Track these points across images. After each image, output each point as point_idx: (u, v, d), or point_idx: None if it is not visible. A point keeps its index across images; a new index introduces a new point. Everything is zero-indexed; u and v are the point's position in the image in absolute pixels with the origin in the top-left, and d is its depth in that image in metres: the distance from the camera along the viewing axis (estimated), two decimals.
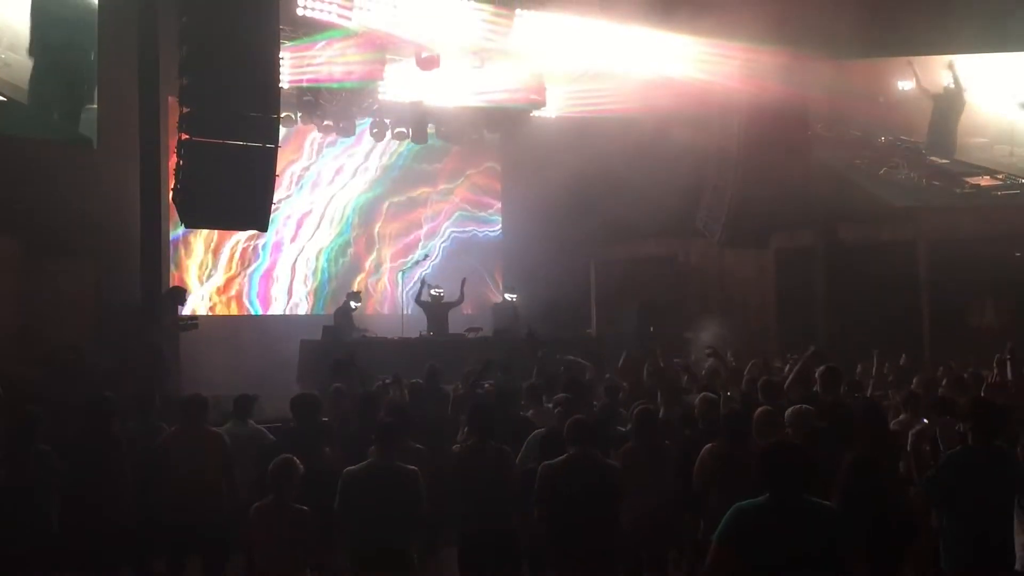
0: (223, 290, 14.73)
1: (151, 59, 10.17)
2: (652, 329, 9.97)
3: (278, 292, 15.26)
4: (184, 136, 9.39)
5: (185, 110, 9.41)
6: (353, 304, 13.31)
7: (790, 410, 5.95)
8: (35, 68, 11.28)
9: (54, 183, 11.13)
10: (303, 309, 15.39)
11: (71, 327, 11.05)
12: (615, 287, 16.04)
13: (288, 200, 15.05)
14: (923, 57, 14.88)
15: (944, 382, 8.19)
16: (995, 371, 7.79)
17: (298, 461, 5.07)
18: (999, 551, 4.70)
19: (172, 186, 9.87)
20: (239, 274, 14.87)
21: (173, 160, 10.06)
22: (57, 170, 11.18)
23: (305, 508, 5.00)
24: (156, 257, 10.51)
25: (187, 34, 9.43)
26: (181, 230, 13.46)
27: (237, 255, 14.84)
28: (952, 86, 14.77)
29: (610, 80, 14.15)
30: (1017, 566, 4.70)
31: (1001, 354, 7.65)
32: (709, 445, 5.74)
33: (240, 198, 9.70)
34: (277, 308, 15.18)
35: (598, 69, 14.02)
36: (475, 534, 5.62)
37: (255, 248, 14.91)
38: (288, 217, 15.14)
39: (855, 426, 5.55)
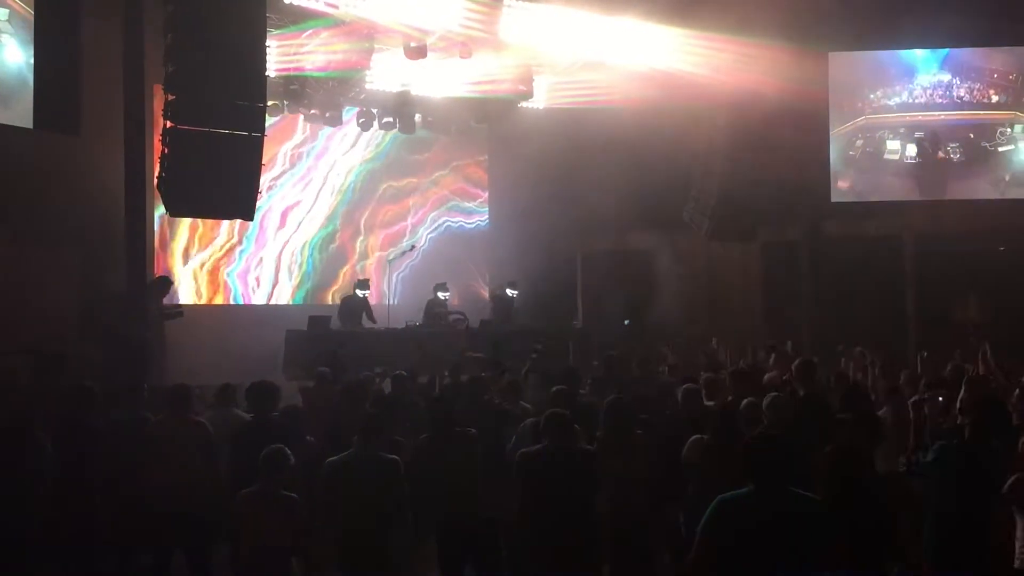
0: (208, 279, 14.66)
1: (137, 46, 10.09)
2: (627, 322, 10.05)
3: (263, 282, 15.19)
4: (169, 124, 9.32)
5: (170, 98, 9.34)
6: (360, 293, 13.16)
7: (766, 399, 6.04)
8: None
9: (38, 171, 11.05)
10: (287, 299, 15.34)
11: (55, 317, 10.97)
12: (602, 279, 16.05)
13: (273, 190, 14.96)
14: None
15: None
16: (980, 365, 7.85)
17: (288, 451, 5.06)
18: (975, 548, 4.72)
19: (157, 174, 9.81)
20: (224, 264, 14.80)
21: (158, 148, 10.00)
22: (41, 158, 11.10)
23: (294, 496, 4.98)
24: (141, 246, 10.44)
25: (173, 21, 9.36)
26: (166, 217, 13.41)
27: (222, 244, 14.77)
28: None
29: (598, 72, 14.15)
30: (1016, 564, 4.71)
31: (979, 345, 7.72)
32: (696, 436, 5.76)
33: (226, 186, 9.65)
34: (261, 298, 15.12)
35: (586, 61, 14.02)
36: (448, 525, 5.63)
37: (241, 238, 14.84)
38: (273, 207, 15.05)
39: (836, 416, 5.60)
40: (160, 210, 12.42)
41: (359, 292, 13.17)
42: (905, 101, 15.10)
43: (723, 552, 3.59)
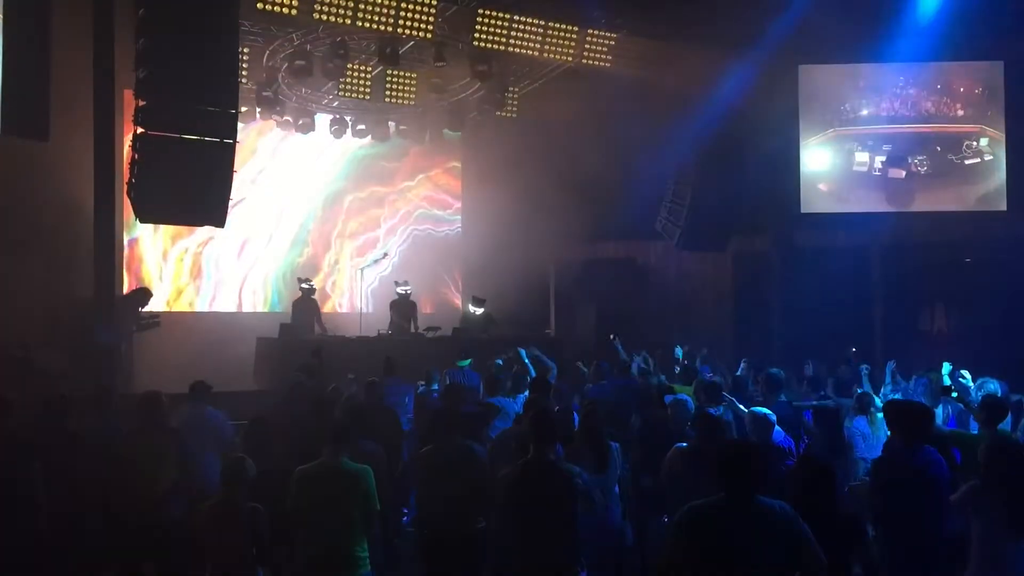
0: (178, 286, 14.55)
1: (107, 50, 9.99)
2: (612, 336, 10.12)
3: (234, 289, 15.10)
4: (140, 130, 9.24)
5: (141, 103, 9.26)
6: (305, 286, 13.07)
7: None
8: None
9: (6, 177, 10.93)
10: (259, 307, 15.25)
11: (21, 324, 10.82)
12: (574, 288, 16.10)
13: (246, 196, 14.88)
14: None
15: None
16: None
17: (248, 460, 5.04)
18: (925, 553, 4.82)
19: (127, 180, 9.72)
20: (195, 271, 14.70)
21: (128, 154, 9.90)
22: (9, 164, 10.97)
23: (258, 506, 4.95)
24: (110, 252, 10.32)
25: (144, 26, 9.28)
26: (137, 226, 13.30)
27: (193, 251, 14.67)
28: None
29: (572, 81, 14.20)
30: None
31: None
32: (677, 445, 5.79)
33: (197, 194, 9.56)
34: (232, 305, 15.02)
35: (560, 70, 14.08)
36: (436, 536, 5.59)
37: (211, 244, 14.75)
38: (245, 214, 14.96)
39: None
40: (130, 217, 12.30)
41: (305, 286, 13.11)
42: (873, 114, 15.29)
43: (692, 559, 3.62)
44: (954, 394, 7.01)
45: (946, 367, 7.87)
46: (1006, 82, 14.73)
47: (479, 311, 13.67)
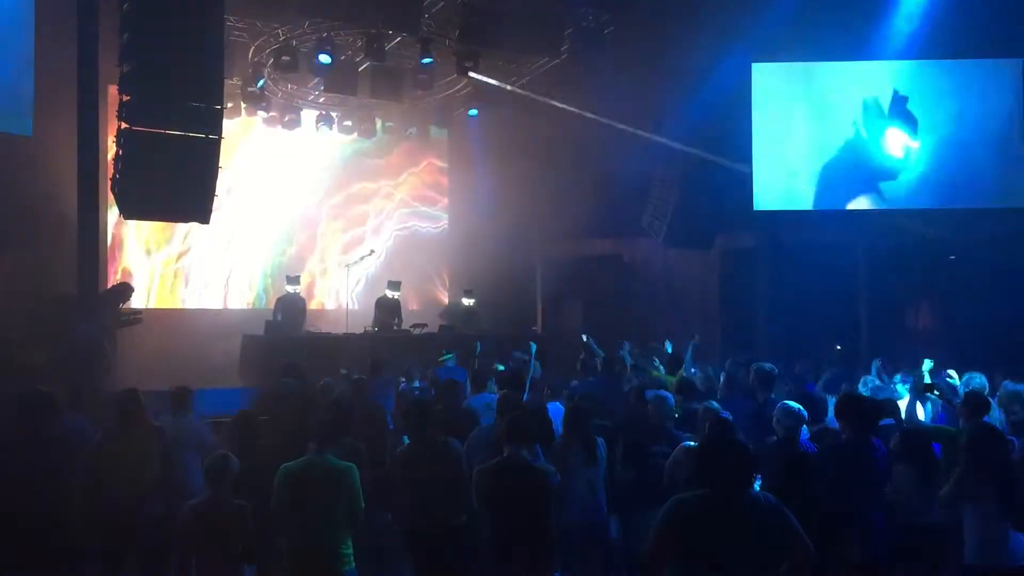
0: (162, 283, 14.47)
1: (91, 45, 9.91)
2: (585, 337, 10.12)
3: (218, 286, 15.02)
4: (124, 125, 9.18)
5: (125, 98, 9.20)
6: (292, 289, 12.94)
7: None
8: None
9: None
10: (244, 303, 15.19)
11: (1, 320, 10.73)
12: (561, 285, 16.11)
13: (231, 192, 14.80)
14: None
15: None
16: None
17: (232, 456, 5.01)
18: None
19: (111, 176, 9.66)
20: (179, 267, 14.62)
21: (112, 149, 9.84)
22: None
23: (244, 503, 4.92)
24: (93, 248, 10.23)
25: (129, 21, 9.22)
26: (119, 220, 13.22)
27: (177, 247, 14.59)
28: None
29: (559, 78, 14.19)
30: (968, 559, 4.83)
31: None
32: (687, 444, 5.79)
33: (181, 189, 9.51)
34: (217, 302, 14.95)
35: (548, 67, 14.07)
36: (423, 532, 5.57)
37: (196, 241, 14.66)
38: (230, 210, 14.87)
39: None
40: (114, 212, 12.23)
41: (292, 288, 12.93)
42: (862, 113, 15.30)
43: (678, 552, 3.62)
44: (935, 393, 7.01)
45: (927, 364, 7.87)
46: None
47: (470, 302, 13.69)
